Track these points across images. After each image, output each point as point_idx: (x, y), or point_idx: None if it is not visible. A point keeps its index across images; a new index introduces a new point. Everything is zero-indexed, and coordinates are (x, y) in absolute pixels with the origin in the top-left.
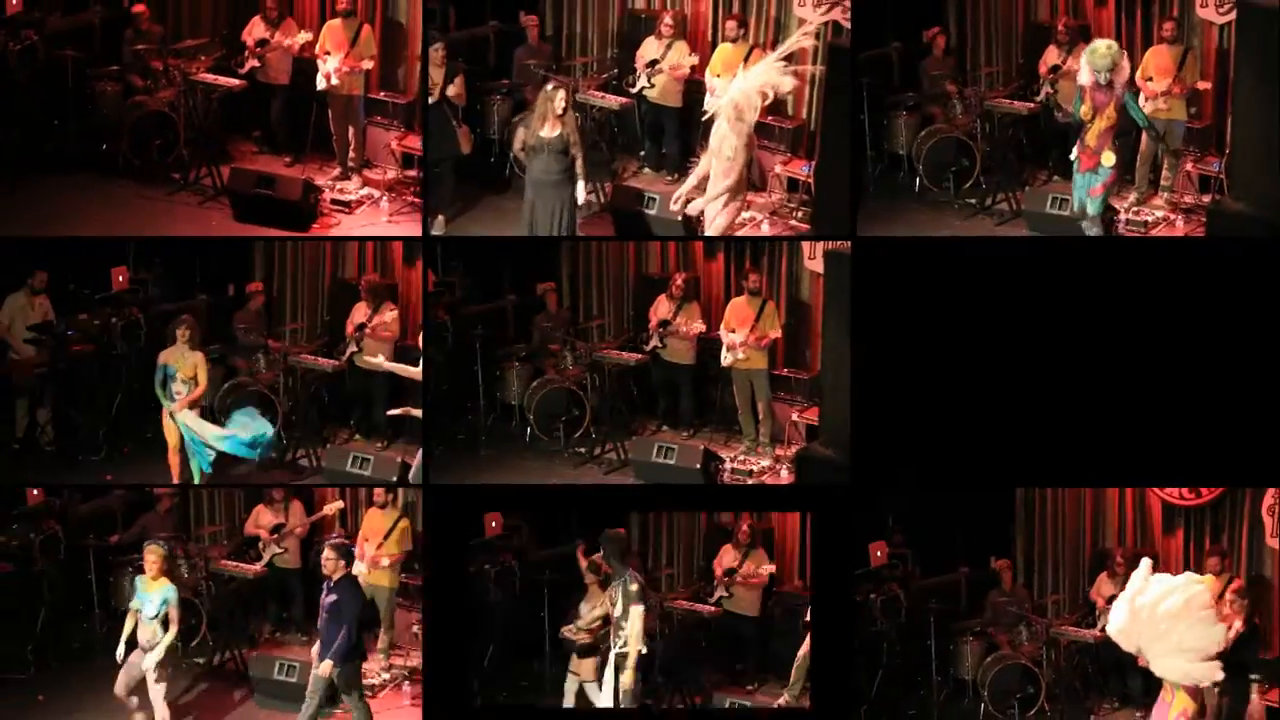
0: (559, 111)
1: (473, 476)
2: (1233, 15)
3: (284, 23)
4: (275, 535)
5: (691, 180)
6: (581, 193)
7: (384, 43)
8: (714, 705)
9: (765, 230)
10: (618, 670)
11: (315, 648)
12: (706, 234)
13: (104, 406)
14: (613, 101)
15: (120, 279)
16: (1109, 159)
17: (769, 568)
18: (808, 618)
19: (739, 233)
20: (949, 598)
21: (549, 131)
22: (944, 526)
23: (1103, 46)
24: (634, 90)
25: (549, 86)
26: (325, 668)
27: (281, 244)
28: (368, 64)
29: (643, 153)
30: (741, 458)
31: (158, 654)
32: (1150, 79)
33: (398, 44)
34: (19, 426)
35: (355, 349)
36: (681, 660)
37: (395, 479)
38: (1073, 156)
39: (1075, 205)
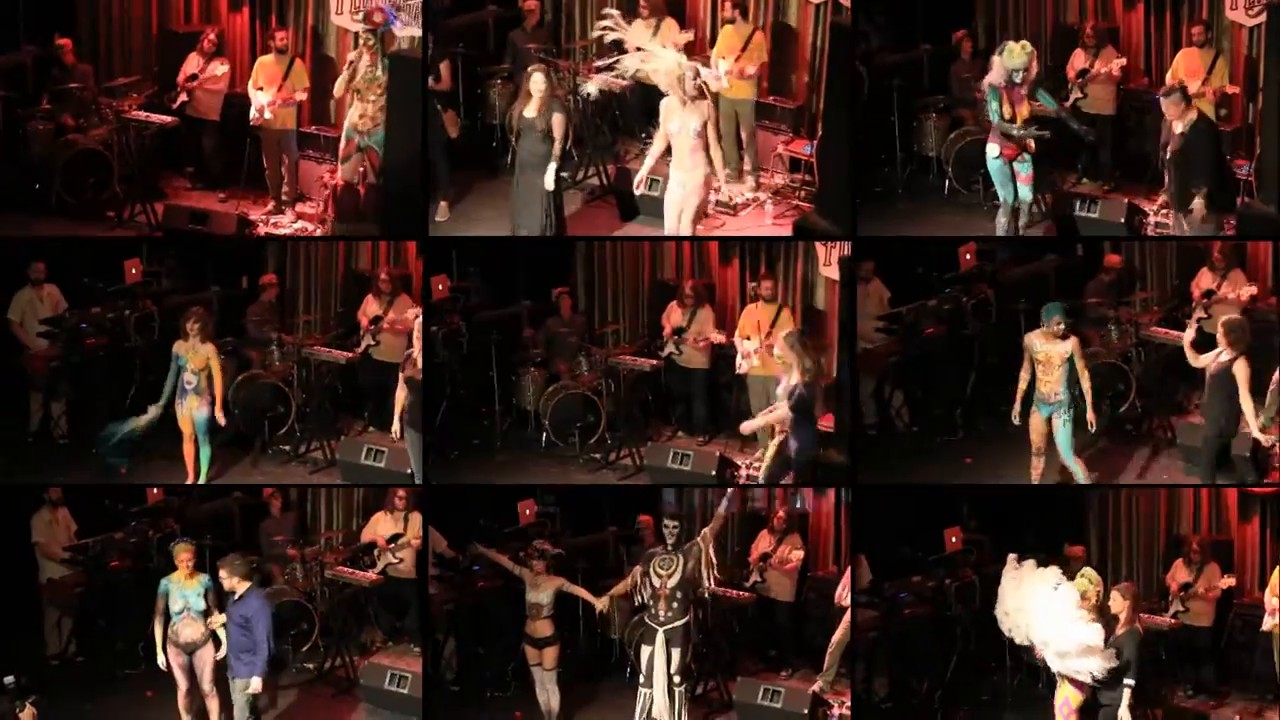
0: (538, 91)
1: (488, 481)
2: (1263, 18)
3: (218, 58)
4: (392, 545)
5: (650, 160)
6: (550, 179)
7: (315, 77)
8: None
9: (769, 210)
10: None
11: (224, 656)
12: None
13: (117, 399)
14: (614, 85)
15: (133, 271)
16: (1031, 145)
17: (798, 553)
18: (835, 602)
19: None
20: None
21: (530, 112)
22: (1017, 513)
23: (1017, 47)
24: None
25: (529, 70)
26: (256, 684)
27: (293, 238)
28: (300, 96)
29: (645, 135)
30: (757, 464)
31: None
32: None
33: (328, 78)
34: (33, 420)
35: (372, 342)
36: (716, 645)
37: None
38: (994, 154)
39: (1004, 196)
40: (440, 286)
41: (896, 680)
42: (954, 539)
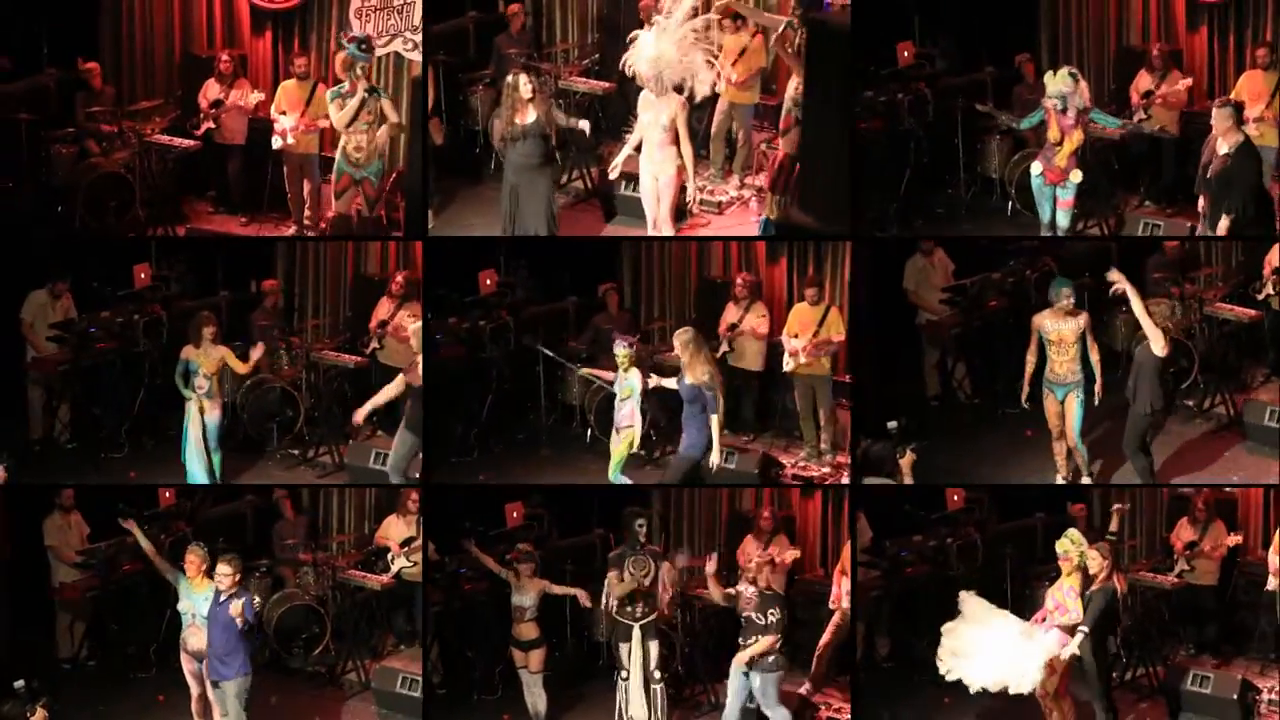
0: (527, 97)
1: (534, 476)
2: None
3: (237, 82)
4: (404, 548)
5: (626, 149)
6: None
7: None
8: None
9: (754, 208)
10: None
11: (204, 664)
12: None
13: (126, 403)
14: (596, 87)
15: (143, 276)
16: (1076, 176)
17: (793, 553)
18: (830, 605)
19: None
20: (1025, 542)
21: (524, 119)
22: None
23: (1062, 73)
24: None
25: (509, 78)
26: (238, 685)
27: (303, 242)
28: (324, 123)
29: (628, 136)
30: (802, 463)
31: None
32: (1243, 104)
33: None
34: (40, 425)
35: (377, 345)
36: (704, 647)
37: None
38: (1037, 171)
39: (1042, 215)
40: (489, 281)
41: (898, 639)
42: (955, 497)
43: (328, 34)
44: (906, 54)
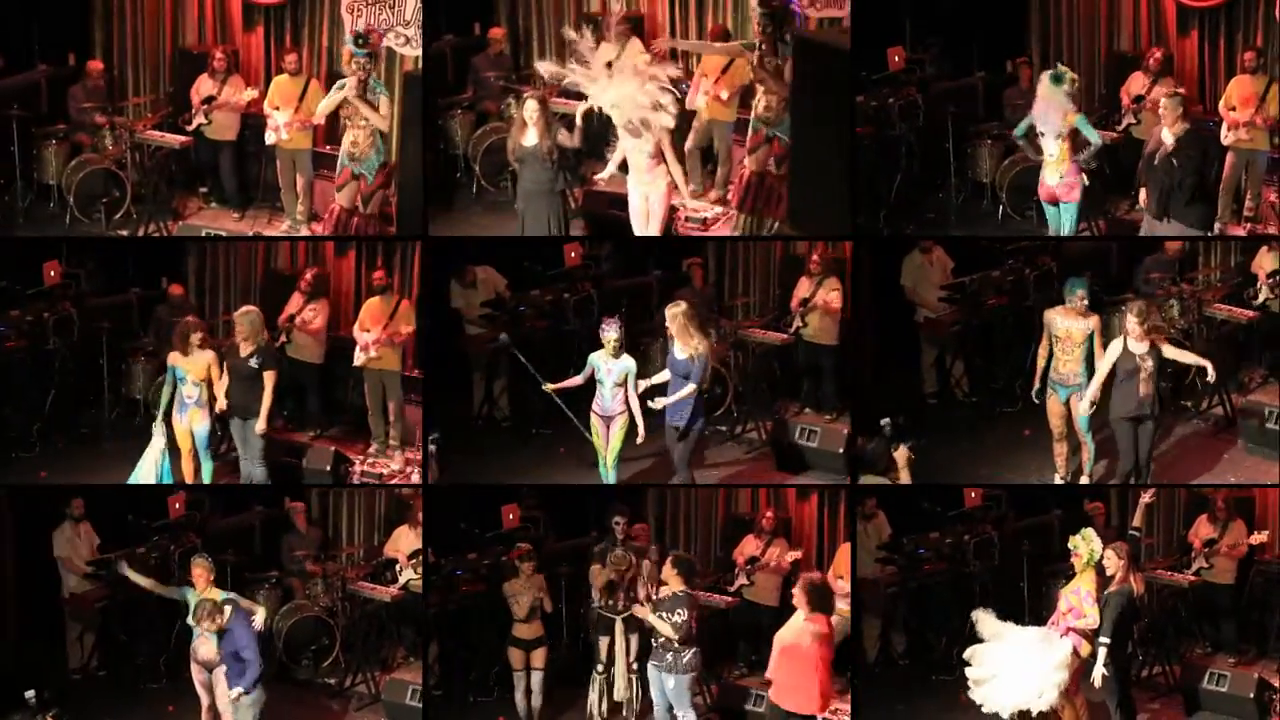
0: (529, 120)
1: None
2: None
3: (231, 78)
4: (413, 560)
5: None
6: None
7: None
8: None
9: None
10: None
11: (215, 672)
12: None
13: (37, 402)
14: (576, 107)
15: (52, 274)
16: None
17: (794, 554)
18: None
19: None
20: (1042, 540)
21: (530, 140)
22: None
23: (1066, 73)
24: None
25: (525, 96)
26: (235, 694)
27: (212, 239)
28: (316, 119)
29: (610, 154)
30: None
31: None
32: (1233, 109)
33: None
34: None
35: (286, 339)
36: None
37: (328, 467)
38: (1082, 191)
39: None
40: (573, 254)
41: (914, 636)
42: (973, 495)
43: (319, 29)
44: (897, 59)
